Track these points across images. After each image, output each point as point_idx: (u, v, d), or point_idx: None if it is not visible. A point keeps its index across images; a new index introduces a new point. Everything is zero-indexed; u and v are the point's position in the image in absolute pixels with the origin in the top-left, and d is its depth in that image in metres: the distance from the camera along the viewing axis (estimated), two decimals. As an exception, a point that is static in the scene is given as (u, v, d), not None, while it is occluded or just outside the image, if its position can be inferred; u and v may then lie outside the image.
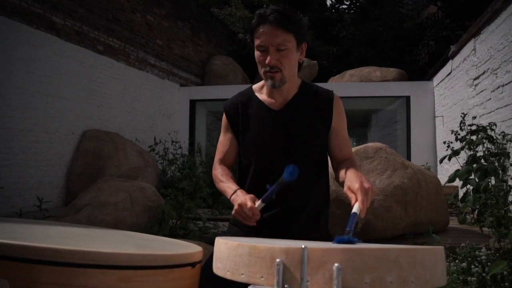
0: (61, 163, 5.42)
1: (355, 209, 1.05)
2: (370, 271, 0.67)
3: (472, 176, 4.28)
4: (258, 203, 1.18)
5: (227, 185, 1.33)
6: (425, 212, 3.64)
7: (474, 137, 4.36)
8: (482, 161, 4.26)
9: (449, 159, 4.58)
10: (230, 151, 1.44)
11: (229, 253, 0.79)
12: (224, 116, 1.45)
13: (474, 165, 4.27)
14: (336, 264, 0.67)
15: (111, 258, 0.70)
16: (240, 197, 1.21)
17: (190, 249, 0.90)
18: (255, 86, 1.46)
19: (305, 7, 12.32)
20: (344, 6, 15.86)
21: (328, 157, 1.46)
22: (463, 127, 4.51)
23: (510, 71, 4.20)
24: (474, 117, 4.88)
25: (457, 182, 4.65)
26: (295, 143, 1.36)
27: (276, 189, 1.15)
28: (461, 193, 4.60)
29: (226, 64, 10.07)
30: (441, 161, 4.68)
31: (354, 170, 1.24)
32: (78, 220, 3.49)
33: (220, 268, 0.81)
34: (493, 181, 4.12)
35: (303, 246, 0.66)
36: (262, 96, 1.41)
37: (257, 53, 1.30)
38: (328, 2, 15.67)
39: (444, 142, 4.73)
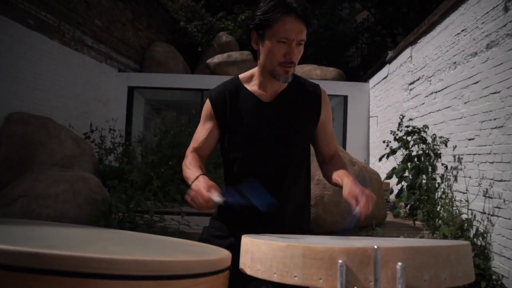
0: (-19, 149, 4.81)
1: (356, 212, 1.12)
2: (429, 268, 0.69)
3: (407, 174, 4.65)
4: (217, 198, 1.10)
5: (192, 172, 1.26)
6: (369, 206, 3.88)
7: (409, 138, 4.74)
8: (415, 160, 4.65)
9: (387, 157, 4.92)
10: (207, 141, 1.37)
11: (274, 254, 0.76)
12: (208, 105, 1.37)
13: (409, 164, 4.65)
14: (399, 263, 0.67)
15: (171, 267, 0.62)
16: (199, 185, 1.15)
17: (221, 251, 0.85)
18: (242, 76, 1.40)
19: (248, 3, 12.20)
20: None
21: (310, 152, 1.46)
22: (400, 129, 4.87)
23: (443, 79, 4.61)
24: (411, 119, 5.28)
25: (391, 179, 5.02)
26: (285, 136, 1.34)
27: (242, 204, 1.09)
28: (395, 189, 4.97)
29: (167, 52, 9.71)
30: (380, 159, 5.00)
31: (348, 175, 1.26)
32: (10, 214, 3.14)
33: (261, 270, 0.78)
34: (425, 179, 4.52)
35: (375, 247, 0.66)
36: (252, 87, 1.36)
37: (274, 45, 1.24)
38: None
39: (384, 141, 5.06)
